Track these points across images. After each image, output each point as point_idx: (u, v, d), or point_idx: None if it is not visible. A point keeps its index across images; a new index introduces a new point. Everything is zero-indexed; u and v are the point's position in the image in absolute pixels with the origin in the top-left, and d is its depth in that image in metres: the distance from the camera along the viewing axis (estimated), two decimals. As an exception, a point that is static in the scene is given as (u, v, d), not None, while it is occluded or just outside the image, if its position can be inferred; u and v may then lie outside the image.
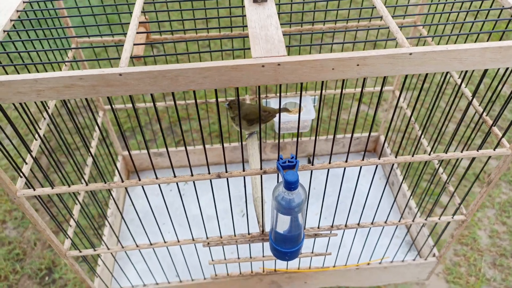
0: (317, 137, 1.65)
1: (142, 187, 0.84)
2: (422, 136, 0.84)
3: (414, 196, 1.70)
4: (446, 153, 0.83)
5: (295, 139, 1.63)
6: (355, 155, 1.71)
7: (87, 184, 0.80)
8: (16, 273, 1.74)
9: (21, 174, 0.80)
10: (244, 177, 0.86)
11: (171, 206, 1.51)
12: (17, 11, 0.76)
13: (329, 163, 0.82)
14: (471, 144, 0.87)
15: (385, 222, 1.02)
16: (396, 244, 1.33)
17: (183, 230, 1.39)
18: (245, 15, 0.75)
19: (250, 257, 1.12)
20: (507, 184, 2.05)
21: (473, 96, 0.83)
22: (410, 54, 0.60)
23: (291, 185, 0.75)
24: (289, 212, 0.80)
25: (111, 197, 1.48)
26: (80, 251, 1.00)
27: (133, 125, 2.20)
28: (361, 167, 0.85)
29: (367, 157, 1.71)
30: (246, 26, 0.74)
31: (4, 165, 2.07)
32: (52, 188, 0.80)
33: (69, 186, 0.80)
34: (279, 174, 0.81)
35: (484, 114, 0.87)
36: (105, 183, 0.81)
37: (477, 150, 0.83)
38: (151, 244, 1.01)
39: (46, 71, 0.91)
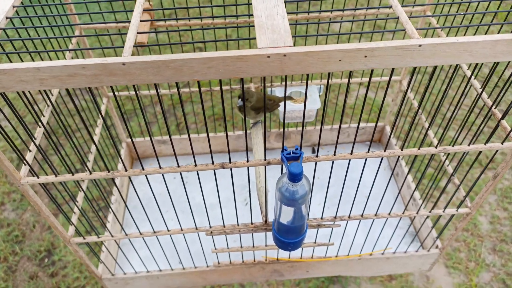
0: (323, 126, 1.64)
1: (146, 175, 0.84)
2: (429, 129, 0.83)
3: (418, 187, 1.70)
4: (453, 146, 0.82)
5: (299, 128, 1.62)
6: (359, 145, 1.70)
7: (91, 173, 0.80)
8: (16, 254, 1.76)
9: (25, 161, 0.80)
10: (248, 167, 0.86)
11: (174, 194, 1.51)
12: (19, -4, 0.74)
13: (334, 154, 0.81)
14: (477, 134, 0.85)
15: (389, 214, 1.02)
16: (399, 235, 1.33)
17: (186, 218, 1.39)
18: (251, 3, 0.73)
19: (253, 246, 1.12)
20: (509, 171, 2.04)
21: (483, 89, 0.81)
22: (420, 46, 0.59)
23: (295, 177, 0.74)
24: (292, 203, 0.80)
25: (114, 184, 1.48)
26: (84, 238, 1.01)
27: (135, 107, 2.19)
28: (366, 158, 0.84)
29: (372, 147, 1.70)
30: (252, 15, 0.72)
31: (4, 150, 2.08)
32: (56, 176, 0.80)
33: (73, 174, 0.80)
34: (283, 165, 0.80)
35: (493, 107, 0.85)
36: (109, 171, 0.81)
37: (485, 144, 0.82)
38: (154, 232, 1.02)
39: (51, 58, 0.90)
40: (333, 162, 0.84)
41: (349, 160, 0.84)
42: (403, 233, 1.34)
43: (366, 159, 0.84)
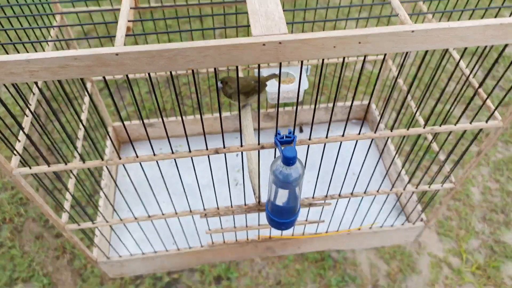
0: (311, 105, 1.65)
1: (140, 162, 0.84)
2: (417, 111, 0.85)
3: (406, 163, 1.76)
4: (440, 126, 0.85)
5: (286, 108, 1.62)
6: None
7: (84, 162, 0.80)
8: (21, 216, 1.79)
9: (15, 152, 0.79)
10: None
11: (165, 175, 1.51)
12: (-1, -19, 0.71)
13: (326, 137, 0.83)
14: (462, 114, 0.88)
15: (377, 191, 1.06)
16: (387, 209, 1.38)
17: (178, 199, 1.40)
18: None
19: (246, 226, 1.15)
20: (503, 144, 2.12)
21: (470, 72, 0.83)
22: (412, 31, 0.60)
23: (289, 161, 0.76)
24: (286, 186, 0.81)
25: (105, 169, 1.47)
26: (79, 225, 1.01)
27: (120, 88, 2.16)
28: (357, 140, 0.86)
29: (357, 125, 1.73)
30: (241, 1, 0.71)
31: None
32: (48, 166, 0.79)
33: (66, 163, 0.80)
34: (277, 149, 0.81)
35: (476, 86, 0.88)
36: (102, 160, 0.80)
37: (470, 123, 0.85)
38: (149, 216, 1.03)
39: (35, 49, 0.87)
40: (325, 144, 0.86)
41: (340, 143, 0.85)
42: (390, 208, 1.39)
43: (357, 141, 0.86)
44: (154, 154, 0.80)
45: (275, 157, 0.86)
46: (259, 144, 0.82)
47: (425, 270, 1.75)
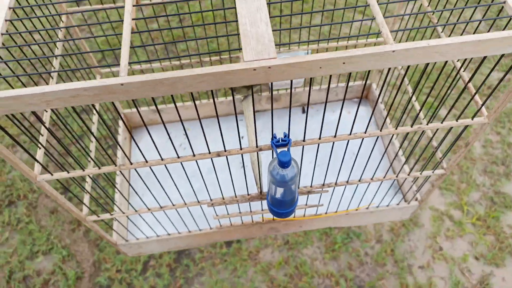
0: (313, 86, 1.68)
1: (150, 167, 0.91)
2: (407, 106, 0.90)
3: (403, 146, 1.80)
4: (427, 124, 0.90)
5: (289, 90, 1.67)
6: (348, 102, 1.76)
7: (99, 168, 0.88)
8: (34, 192, 1.91)
9: (37, 161, 0.87)
10: (241, 146, 0.93)
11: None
12: (9, 8, 0.76)
13: (319, 138, 0.89)
14: (450, 110, 0.92)
15: (371, 179, 1.12)
16: (385, 188, 1.45)
17: (186, 184, 1.49)
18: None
19: (250, 211, 1.24)
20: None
21: (461, 66, 0.87)
22: (393, 51, 0.64)
23: (284, 164, 0.82)
24: (283, 185, 0.89)
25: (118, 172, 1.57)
26: (99, 216, 1.11)
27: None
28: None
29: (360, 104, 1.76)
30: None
31: (8, 145, 2.12)
32: (68, 172, 0.88)
33: (83, 170, 0.88)
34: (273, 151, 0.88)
35: (467, 81, 0.91)
36: (116, 165, 0.88)
37: (456, 120, 0.90)
38: (161, 207, 1.12)
39: (49, 48, 0.92)
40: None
41: (333, 143, 0.91)
42: (388, 186, 1.47)
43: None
44: (162, 159, 0.88)
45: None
46: (257, 146, 0.89)
47: (427, 224, 1.83)
